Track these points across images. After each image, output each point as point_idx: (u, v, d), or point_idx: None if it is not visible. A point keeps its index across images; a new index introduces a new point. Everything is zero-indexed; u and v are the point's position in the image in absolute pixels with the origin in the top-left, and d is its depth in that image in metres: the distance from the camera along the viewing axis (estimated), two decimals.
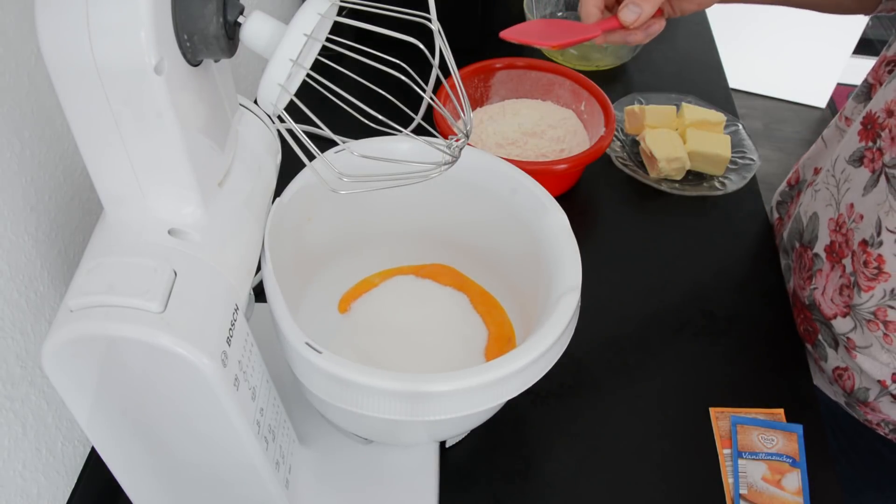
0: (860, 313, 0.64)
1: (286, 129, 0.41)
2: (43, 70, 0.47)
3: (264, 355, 0.46)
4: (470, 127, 0.42)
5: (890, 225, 0.60)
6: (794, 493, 0.59)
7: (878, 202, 0.61)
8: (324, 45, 0.39)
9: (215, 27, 0.37)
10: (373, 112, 0.38)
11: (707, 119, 0.87)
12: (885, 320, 0.61)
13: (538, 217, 0.55)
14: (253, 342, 0.44)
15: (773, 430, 0.62)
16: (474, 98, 0.88)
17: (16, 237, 0.49)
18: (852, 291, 0.65)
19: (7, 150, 0.47)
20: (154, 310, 0.37)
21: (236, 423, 0.42)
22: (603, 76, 0.98)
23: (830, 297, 0.68)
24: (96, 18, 0.33)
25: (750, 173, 0.84)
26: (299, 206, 0.55)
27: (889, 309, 0.61)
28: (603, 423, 0.64)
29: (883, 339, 0.62)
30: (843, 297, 0.66)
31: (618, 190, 0.85)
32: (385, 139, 0.54)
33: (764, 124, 2.30)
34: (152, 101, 0.36)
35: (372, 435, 0.57)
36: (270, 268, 0.47)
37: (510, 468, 0.61)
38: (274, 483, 0.48)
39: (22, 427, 0.51)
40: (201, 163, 0.41)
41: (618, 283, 0.75)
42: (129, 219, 0.41)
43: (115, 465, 0.46)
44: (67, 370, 0.39)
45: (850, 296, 0.65)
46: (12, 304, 0.49)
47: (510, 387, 0.46)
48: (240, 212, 0.46)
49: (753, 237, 0.81)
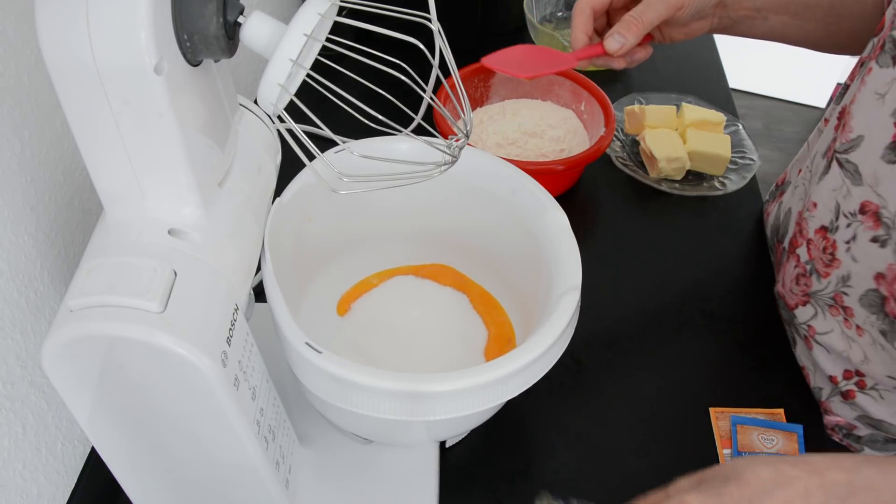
0: (821, 299, 0.64)
1: (286, 129, 0.41)
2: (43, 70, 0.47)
3: (264, 355, 0.46)
4: (470, 127, 0.42)
5: (847, 209, 0.60)
6: None
7: (835, 187, 0.62)
8: (324, 45, 0.39)
9: (215, 27, 0.37)
10: (373, 112, 0.38)
11: (707, 119, 0.87)
12: (844, 305, 0.62)
13: (538, 217, 0.55)
14: (253, 342, 0.44)
15: (773, 430, 0.62)
16: (474, 98, 0.88)
17: (16, 237, 0.49)
18: (809, 279, 0.65)
19: (7, 150, 0.47)
20: (154, 310, 0.37)
21: (236, 423, 0.42)
22: (603, 76, 0.98)
23: (790, 288, 0.69)
24: (96, 18, 0.33)
25: (750, 173, 0.84)
26: (299, 206, 0.55)
27: (844, 295, 0.61)
28: (603, 423, 0.64)
29: (843, 325, 0.62)
30: (800, 286, 0.67)
31: (618, 190, 0.85)
32: (385, 139, 0.54)
33: (764, 124, 2.30)
34: (152, 101, 0.36)
35: (372, 435, 0.57)
36: (270, 268, 0.47)
37: (510, 468, 0.61)
38: (274, 483, 0.48)
39: (22, 427, 0.51)
40: (201, 163, 0.41)
41: (618, 283, 0.75)
42: (129, 219, 0.41)
43: (115, 465, 0.46)
44: (67, 370, 0.39)
45: (807, 284, 0.66)
46: (12, 304, 0.49)
47: (510, 387, 0.46)
48: (240, 212, 0.46)
49: (753, 237, 0.81)
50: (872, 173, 0.58)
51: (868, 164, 0.58)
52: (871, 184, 0.58)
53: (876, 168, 0.57)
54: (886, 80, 0.57)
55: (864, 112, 0.59)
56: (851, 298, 0.61)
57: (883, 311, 0.58)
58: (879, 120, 0.57)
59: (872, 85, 0.58)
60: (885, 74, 0.57)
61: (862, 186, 0.59)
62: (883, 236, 0.57)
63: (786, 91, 2.37)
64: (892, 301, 0.57)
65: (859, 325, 0.61)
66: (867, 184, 0.58)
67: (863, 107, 0.60)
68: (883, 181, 0.57)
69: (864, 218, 0.58)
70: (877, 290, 0.58)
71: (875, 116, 0.58)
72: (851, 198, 0.60)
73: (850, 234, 0.60)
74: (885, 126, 0.56)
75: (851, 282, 0.61)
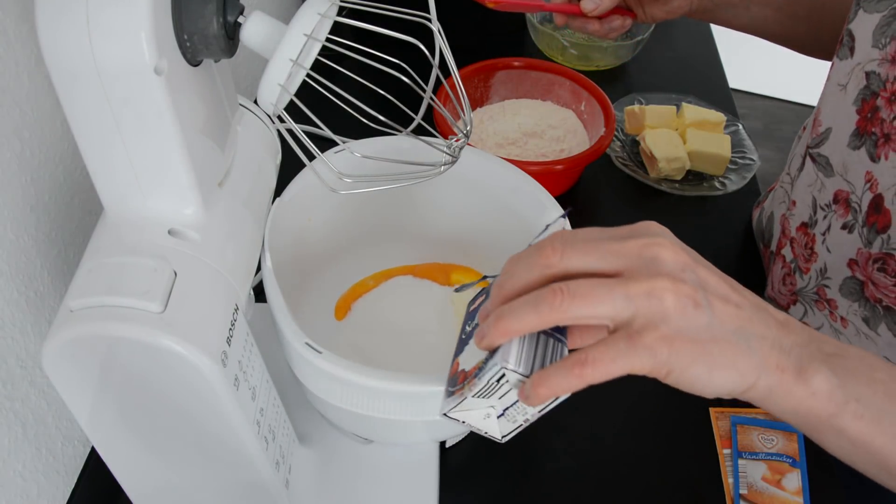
0: (807, 296, 0.65)
1: (286, 129, 0.41)
2: (43, 70, 0.47)
3: (264, 355, 0.46)
4: (470, 127, 0.42)
5: (822, 201, 0.62)
6: (794, 493, 0.59)
7: (810, 183, 0.63)
8: (324, 45, 0.39)
9: (215, 27, 0.37)
10: (373, 112, 0.38)
11: (707, 119, 0.87)
12: (827, 298, 0.62)
13: (538, 217, 0.55)
14: (253, 342, 0.44)
15: (773, 430, 0.62)
16: (474, 98, 0.88)
17: (16, 237, 0.49)
18: (794, 277, 0.66)
19: (7, 150, 0.47)
20: (154, 310, 0.37)
21: (236, 423, 0.42)
22: (603, 76, 0.98)
23: (778, 290, 0.69)
24: (96, 19, 0.33)
25: (750, 173, 0.84)
26: (299, 206, 0.55)
27: (826, 288, 0.62)
28: (603, 423, 0.64)
29: (830, 318, 0.62)
30: (786, 286, 0.68)
31: (618, 190, 0.85)
32: (385, 139, 0.54)
33: (764, 124, 2.30)
34: (152, 101, 0.36)
35: (372, 435, 0.57)
36: (270, 268, 0.47)
37: (510, 468, 0.61)
38: (274, 483, 0.48)
39: (22, 427, 0.51)
40: (201, 163, 0.41)
41: None
42: (129, 219, 0.41)
43: (115, 465, 0.46)
44: (67, 370, 0.39)
45: (792, 283, 0.66)
46: (12, 304, 0.49)
47: None
48: (240, 212, 0.46)
49: (753, 237, 0.81)
50: (841, 161, 0.59)
51: (837, 153, 0.60)
52: (840, 172, 0.59)
53: (843, 156, 0.59)
54: (846, 71, 0.59)
55: (829, 105, 0.61)
56: (832, 290, 0.62)
57: (863, 296, 0.59)
58: (843, 110, 0.59)
59: (835, 77, 0.60)
60: (845, 66, 0.59)
61: (834, 177, 0.60)
62: (851, 222, 0.58)
63: (786, 91, 2.37)
64: (871, 284, 0.58)
65: (843, 316, 0.61)
66: (838, 173, 0.60)
67: (828, 100, 0.61)
68: (850, 167, 0.58)
69: (836, 207, 0.60)
70: (854, 277, 0.59)
71: (839, 107, 0.59)
72: (826, 190, 0.61)
73: (825, 225, 0.61)
74: (848, 114, 0.58)
75: (829, 273, 0.61)
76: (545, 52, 1.02)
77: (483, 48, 0.93)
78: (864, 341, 0.60)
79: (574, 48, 0.98)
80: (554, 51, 1.00)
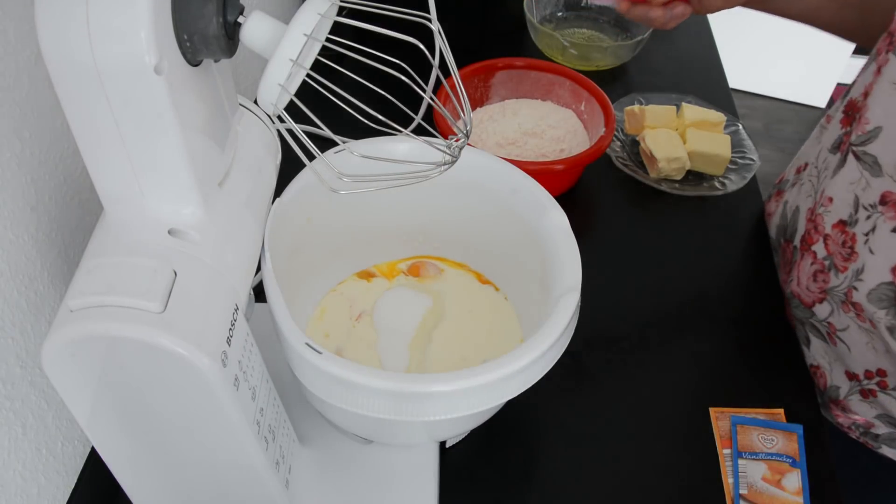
0: (836, 295, 0.64)
1: (286, 129, 0.41)
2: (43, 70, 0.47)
3: (264, 355, 0.46)
4: (470, 127, 0.42)
5: (866, 201, 0.60)
6: (794, 493, 0.59)
7: (852, 181, 0.62)
8: (324, 45, 0.39)
9: (215, 27, 0.37)
10: (373, 112, 0.38)
11: (707, 119, 0.87)
12: (853, 301, 0.62)
13: (538, 217, 0.55)
14: (253, 342, 0.44)
15: (773, 430, 0.62)
16: (474, 98, 0.88)
17: (16, 237, 0.49)
18: (828, 275, 0.65)
19: (7, 150, 0.47)
20: (154, 310, 0.37)
21: (236, 423, 0.42)
22: (603, 76, 0.98)
23: (806, 286, 0.69)
24: (96, 19, 0.33)
25: (750, 173, 0.84)
26: (299, 206, 0.55)
27: (854, 290, 0.61)
28: (603, 424, 0.64)
29: (857, 319, 0.62)
30: (817, 283, 0.67)
31: (618, 190, 0.85)
32: (385, 139, 0.54)
33: (764, 124, 2.30)
34: (152, 101, 0.36)
35: (372, 435, 0.57)
36: (270, 268, 0.47)
37: (510, 468, 0.61)
38: (274, 483, 0.48)
39: (22, 427, 0.51)
40: (201, 163, 0.41)
41: (618, 282, 0.75)
42: (129, 219, 0.41)
43: (115, 465, 0.46)
44: (67, 370, 0.39)
45: (825, 280, 0.66)
46: (12, 304, 0.49)
47: (510, 387, 0.46)
48: (240, 212, 0.46)
49: (753, 237, 0.81)
50: (892, 162, 0.58)
51: (888, 154, 0.58)
52: (891, 173, 0.58)
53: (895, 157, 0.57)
54: None
55: (881, 103, 0.60)
56: (860, 293, 0.61)
57: (895, 306, 0.58)
58: None
59: (889, 76, 0.59)
60: None
61: (882, 177, 0.59)
62: None
63: (786, 91, 2.37)
64: None
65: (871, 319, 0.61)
66: (887, 174, 0.58)
67: (880, 98, 0.60)
68: None
69: (884, 209, 0.59)
70: (891, 284, 0.58)
71: (893, 106, 0.58)
72: (871, 189, 0.60)
73: (869, 225, 0.60)
74: None
75: (864, 275, 0.60)
76: (545, 52, 1.02)
77: (483, 48, 0.93)
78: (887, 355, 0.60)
79: (574, 48, 0.98)
80: (554, 51, 1.00)
